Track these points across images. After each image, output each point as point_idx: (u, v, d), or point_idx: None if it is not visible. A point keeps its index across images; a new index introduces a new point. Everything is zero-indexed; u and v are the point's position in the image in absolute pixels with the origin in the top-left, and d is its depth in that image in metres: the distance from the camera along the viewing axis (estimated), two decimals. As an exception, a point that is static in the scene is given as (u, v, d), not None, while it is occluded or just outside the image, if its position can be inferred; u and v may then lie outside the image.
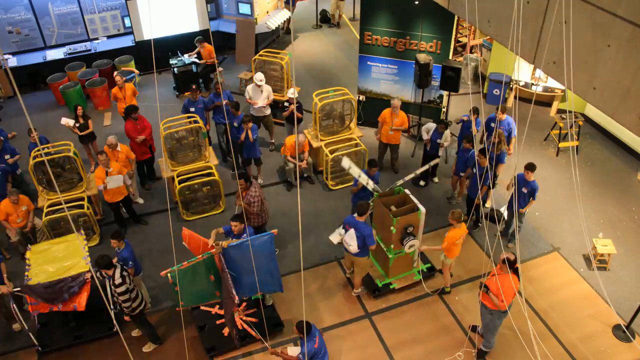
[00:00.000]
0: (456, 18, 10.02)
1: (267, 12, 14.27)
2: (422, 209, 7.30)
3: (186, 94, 12.50)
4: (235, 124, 9.43)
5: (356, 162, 9.90)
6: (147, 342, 7.25)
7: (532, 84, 11.56)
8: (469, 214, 8.05)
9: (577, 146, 10.51)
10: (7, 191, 8.37)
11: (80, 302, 6.67)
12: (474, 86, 12.64)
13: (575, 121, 10.26)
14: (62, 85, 11.96)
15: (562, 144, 10.45)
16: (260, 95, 10.33)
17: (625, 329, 7.17)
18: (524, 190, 7.92)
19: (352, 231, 7.01)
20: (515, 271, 6.27)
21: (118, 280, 6.31)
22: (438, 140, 9.17)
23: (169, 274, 6.23)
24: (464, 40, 13.50)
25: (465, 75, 12.23)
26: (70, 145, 8.64)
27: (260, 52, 11.28)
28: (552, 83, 11.28)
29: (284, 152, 9.45)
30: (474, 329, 7.35)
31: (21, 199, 8.21)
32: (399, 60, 10.49)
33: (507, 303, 6.26)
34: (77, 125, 9.71)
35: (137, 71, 12.62)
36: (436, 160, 9.18)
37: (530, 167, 7.79)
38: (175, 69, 12.26)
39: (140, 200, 9.66)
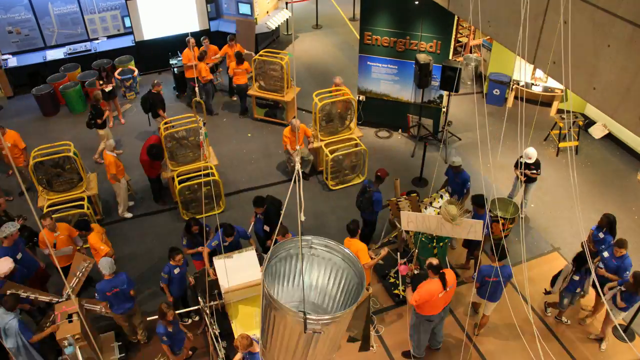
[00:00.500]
0: (456, 18, 10.01)
1: (267, 12, 14.27)
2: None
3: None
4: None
5: (356, 162, 9.94)
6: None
7: (532, 84, 11.55)
8: None
9: (577, 146, 10.51)
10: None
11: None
12: (474, 86, 12.64)
13: (575, 121, 10.26)
14: (62, 85, 11.97)
15: (562, 144, 10.45)
16: None
17: (625, 329, 7.18)
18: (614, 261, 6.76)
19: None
20: (442, 276, 6.10)
21: None
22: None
23: None
24: (464, 40, 13.50)
25: (465, 75, 12.22)
26: (70, 145, 8.65)
27: (260, 52, 11.27)
28: (552, 83, 11.27)
29: (284, 144, 9.51)
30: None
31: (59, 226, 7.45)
32: (399, 60, 10.49)
33: (417, 304, 6.16)
34: (102, 82, 11.09)
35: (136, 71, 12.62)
36: None
37: (621, 244, 6.64)
38: (175, 69, 12.25)
39: (128, 215, 9.28)
